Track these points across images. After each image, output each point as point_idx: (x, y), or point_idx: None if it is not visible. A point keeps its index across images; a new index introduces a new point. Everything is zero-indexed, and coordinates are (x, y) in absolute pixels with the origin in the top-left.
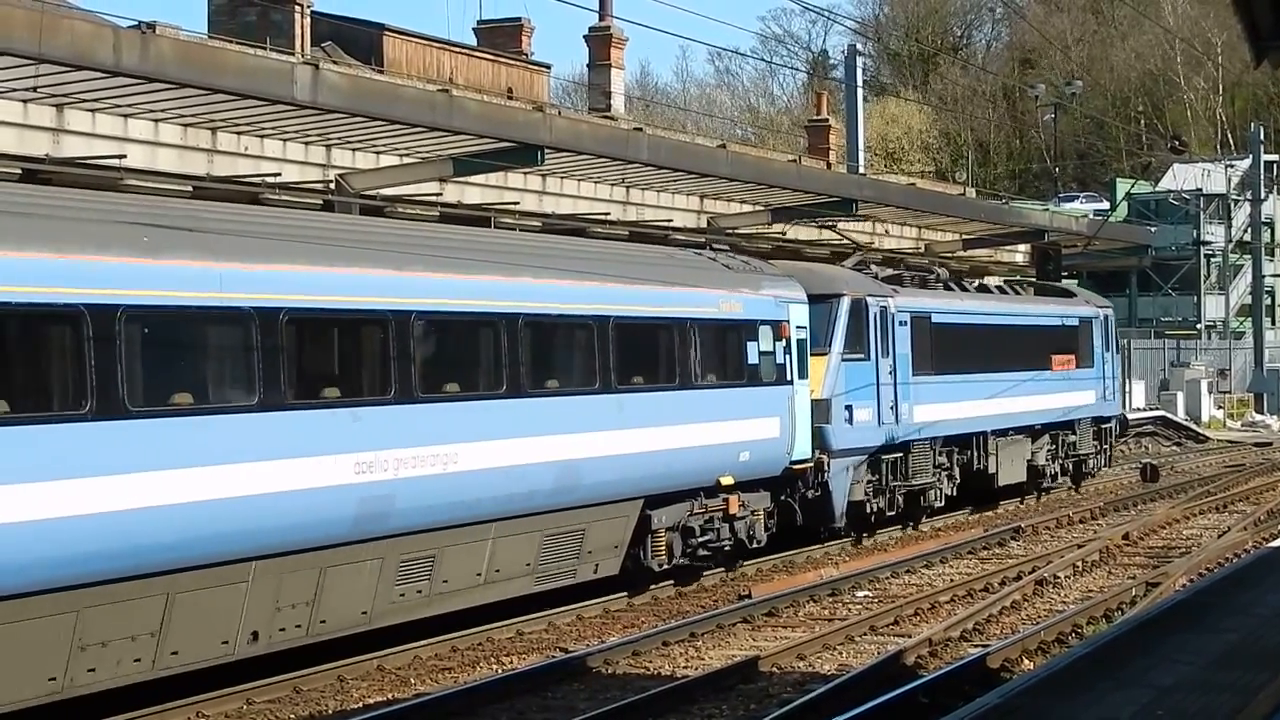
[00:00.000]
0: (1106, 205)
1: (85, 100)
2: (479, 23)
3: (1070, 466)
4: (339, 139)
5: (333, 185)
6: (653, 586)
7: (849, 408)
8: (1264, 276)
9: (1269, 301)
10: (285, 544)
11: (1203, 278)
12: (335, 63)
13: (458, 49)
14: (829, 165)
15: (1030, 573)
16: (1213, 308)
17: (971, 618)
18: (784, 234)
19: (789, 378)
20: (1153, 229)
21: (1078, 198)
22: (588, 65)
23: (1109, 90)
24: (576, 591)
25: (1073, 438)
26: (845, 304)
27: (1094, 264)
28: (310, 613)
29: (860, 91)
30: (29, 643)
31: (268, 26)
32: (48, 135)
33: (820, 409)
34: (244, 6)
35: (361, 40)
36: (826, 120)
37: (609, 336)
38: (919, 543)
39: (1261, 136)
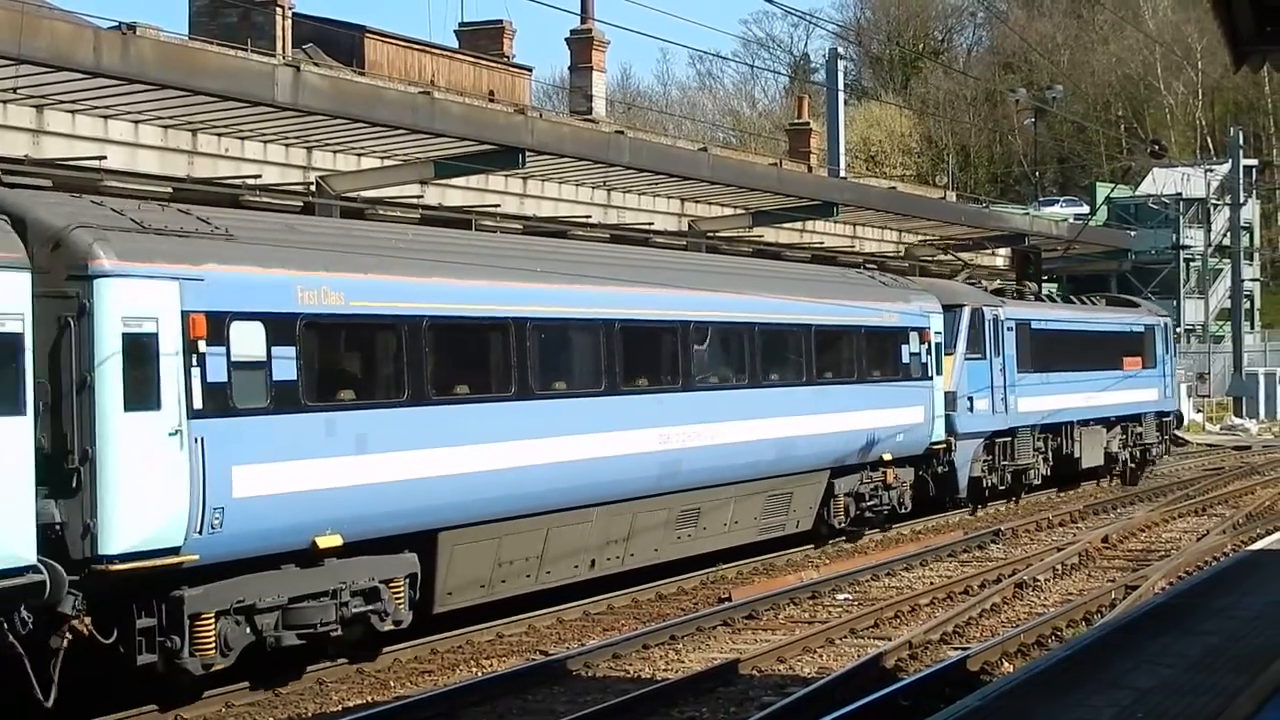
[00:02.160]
0: (1086, 209)
1: (65, 101)
2: (460, 25)
3: (1138, 454)
4: (320, 141)
5: (313, 187)
6: (633, 588)
7: (970, 399)
8: (1243, 280)
9: (1248, 305)
10: (615, 494)
11: (1182, 282)
12: (316, 64)
13: (439, 51)
14: (810, 169)
15: (1010, 575)
16: (1192, 311)
17: (951, 620)
18: (762, 237)
19: (930, 374)
20: (1132, 233)
21: (1058, 201)
22: (569, 68)
23: (1089, 95)
24: (562, 592)
25: (1140, 429)
26: (966, 313)
27: (1074, 268)
28: (624, 548)
29: (841, 95)
30: (471, 561)
31: (249, 28)
32: (27, 136)
33: (949, 399)
34: (225, 8)
35: (343, 42)
36: (808, 124)
37: (811, 340)
38: (899, 545)
39: (1241, 141)
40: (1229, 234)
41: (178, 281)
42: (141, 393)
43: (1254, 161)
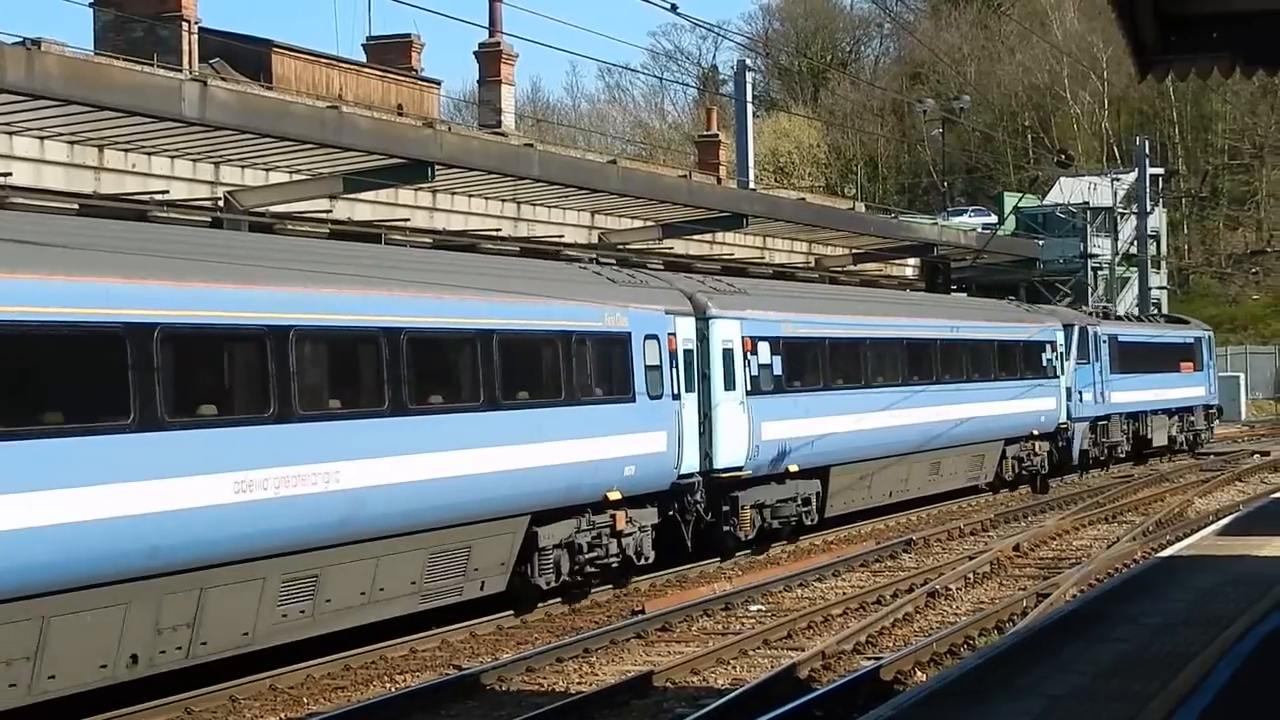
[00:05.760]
0: (995, 219)
1: None
2: (368, 39)
3: (1192, 437)
4: (227, 156)
5: (221, 203)
6: (543, 604)
7: (1080, 392)
8: (1150, 288)
9: (1155, 313)
10: (903, 449)
11: (1090, 290)
12: (223, 79)
13: (347, 65)
14: (719, 180)
15: (922, 585)
16: None
17: (864, 630)
18: (672, 249)
19: (1058, 374)
20: (1040, 242)
21: (966, 211)
22: (478, 81)
23: (997, 105)
24: (467, 608)
25: (1192, 418)
26: (1076, 330)
27: (983, 277)
28: (905, 484)
29: (750, 107)
30: (844, 486)
31: (155, 43)
32: None
33: (1067, 393)
34: (131, 23)
35: (249, 57)
36: (716, 136)
37: (995, 350)
38: (811, 556)
39: (1146, 150)
40: (1136, 242)
41: (739, 320)
42: (729, 381)
43: (1160, 170)
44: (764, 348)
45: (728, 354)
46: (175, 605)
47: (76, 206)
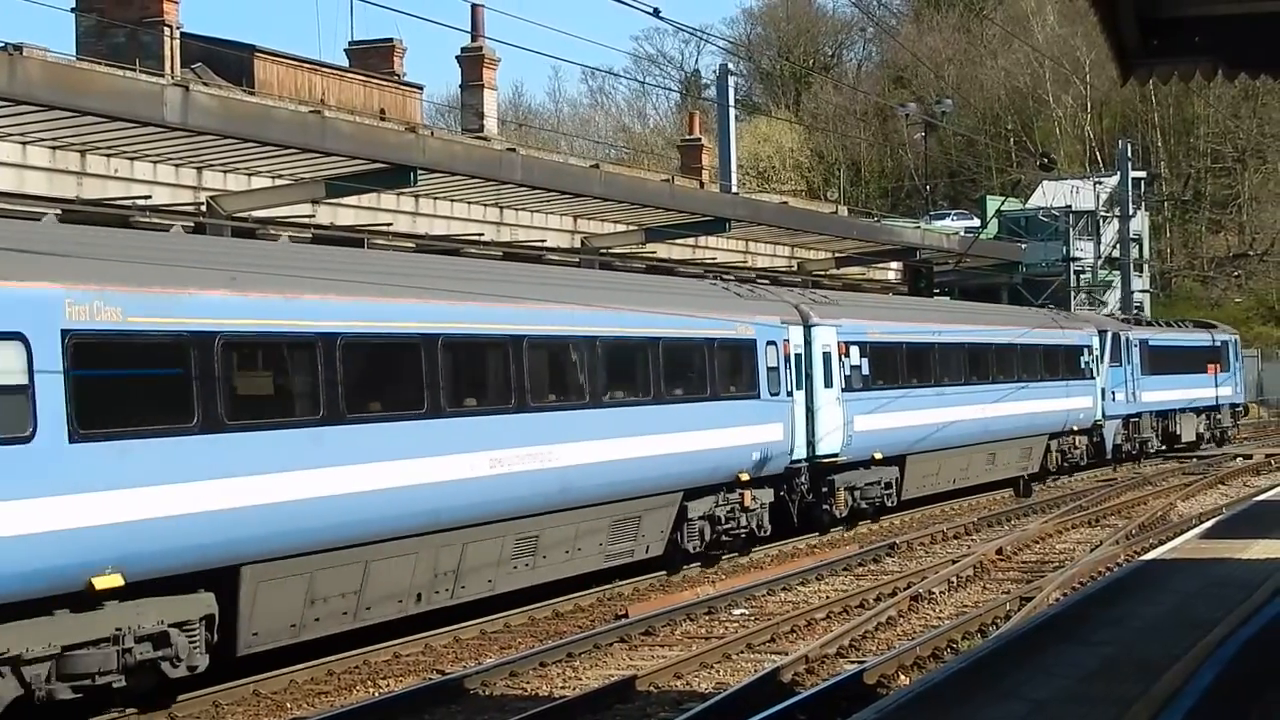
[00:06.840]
0: (977, 223)
1: None
2: (351, 44)
3: (1218, 434)
4: (210, 161)
5: (204, 208)
6: (533, 605)
7: (1113, 392)
8: (1133, 292)
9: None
10: (963, 440)
11: (1073, 293)
12: (206, 84)
13: (329, 70)
14: (702, 184)
15: (905, 589)
16: None
17: (848, 634)
18: (655, 253)
19: (1094, 375)
20: (1023, 246)
21: (949, 215)
22: (460, 86)
23: (979, 108)
24: (459, 611)
25: (1219, 415)
26: (1110, 335)
27: (966, 281)
28: (966, 472)
29: (732, 111)
30: (920, 472)
31: (137, 48)
32: None
33: (1102, 392)
34: (113, 28)
35: (232, 62)
36: (699, 140)
37: (1040, 354)
38: (795, 559)
39: (1129, 153)
40: (1118, 246)
41: (835, 327)
42: (827, 380)
43: (1142, 174)
44: (855, 351)
45: (826, 356)
46: (446, 556)
47: (59, 211)
